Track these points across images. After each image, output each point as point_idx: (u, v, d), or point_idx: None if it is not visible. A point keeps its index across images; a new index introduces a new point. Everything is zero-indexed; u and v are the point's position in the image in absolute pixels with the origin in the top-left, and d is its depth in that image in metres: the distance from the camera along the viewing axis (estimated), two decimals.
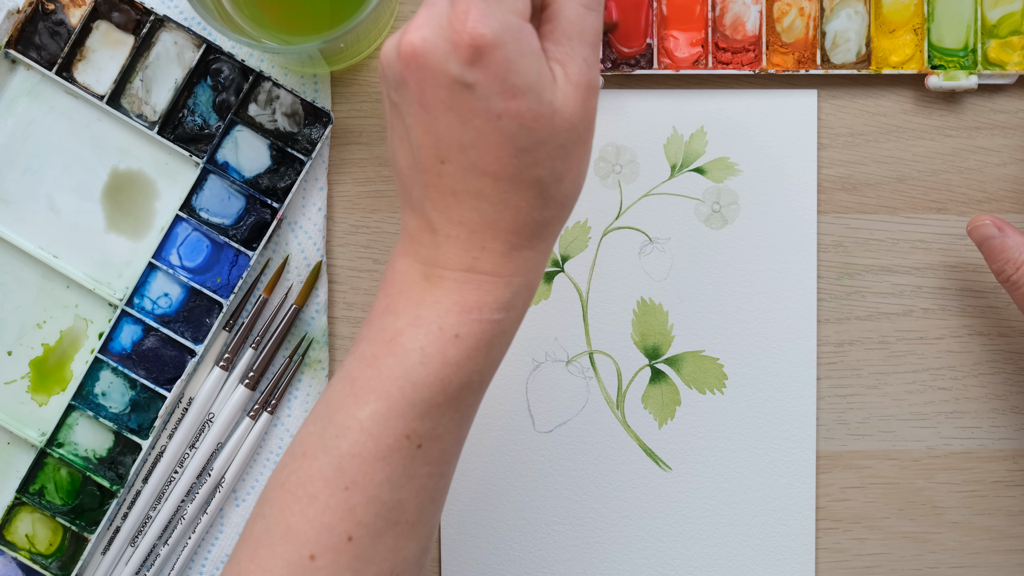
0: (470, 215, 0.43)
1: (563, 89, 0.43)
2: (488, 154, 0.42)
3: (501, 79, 0.41)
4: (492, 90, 0.41)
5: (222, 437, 0.59)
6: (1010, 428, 0.60)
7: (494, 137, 0.42)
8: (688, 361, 0.60)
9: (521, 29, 0.42)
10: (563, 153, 0.43)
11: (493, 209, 0.43)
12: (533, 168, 0.43)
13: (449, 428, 0.45)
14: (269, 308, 0.59)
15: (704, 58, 0.59)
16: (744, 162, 0.59)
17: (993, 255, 0.55)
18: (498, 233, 0.44)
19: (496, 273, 0.44)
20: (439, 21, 0.42)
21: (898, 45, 0.59)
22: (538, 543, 0.60)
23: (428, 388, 0.43)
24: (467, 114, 0.42)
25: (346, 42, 0.53)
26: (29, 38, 0.58)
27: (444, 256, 0.44)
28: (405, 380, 0.43)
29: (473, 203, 0.43)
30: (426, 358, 0.43)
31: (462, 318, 0.44)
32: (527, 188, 0.43)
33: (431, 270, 0.44)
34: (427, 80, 0.42)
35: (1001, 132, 0.60)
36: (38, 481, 0.58)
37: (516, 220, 0.44)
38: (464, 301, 0.44)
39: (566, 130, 0.43)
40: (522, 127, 0.42)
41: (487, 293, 0.44)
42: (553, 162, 0.43)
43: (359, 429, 0.43)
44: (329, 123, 0.58)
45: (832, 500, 0.60)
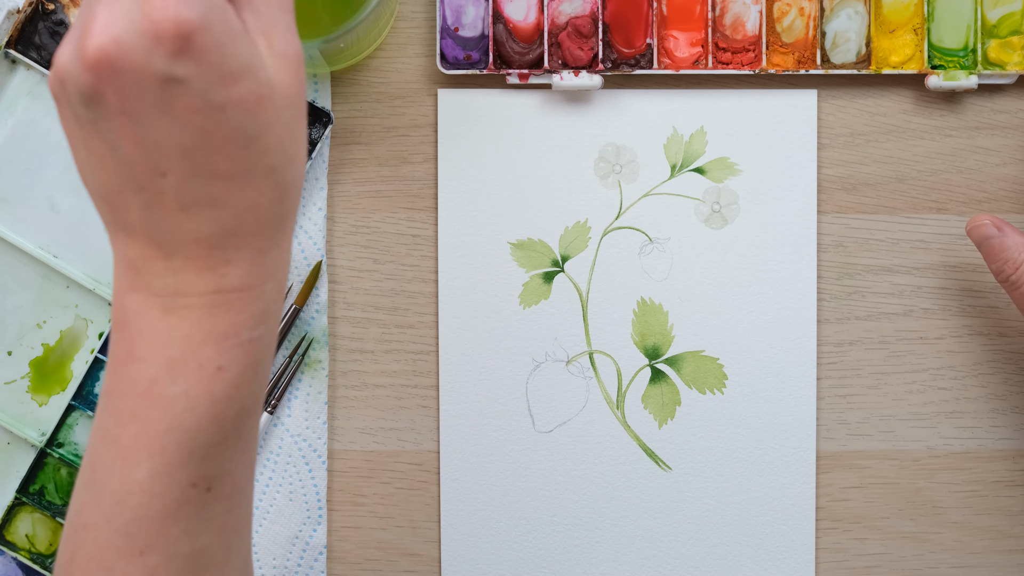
0: (207, 227, 0.38)
1: (273, 63, 0.38)
2: (216, 154, 0.37)
3: (217, 66, 0.36)
4: (209, 80, 0.36)
5: None
6: (1010, 428, 0.60)
7: (220, 132, 0.37)
8: (688, 361, 0.60)
9: (225, 8, 0.37)
10: (289, 132, 0.39)
11: (232, 214, 0.38)
12: (265, 156, 0.38)
13: (235, 459, 0.41)
14: None
15: (704, 58, 0.59)
16: (744, 162, 0.59)
17: (992, 255, 0.55)
18: (242, 240, 0.39)
19: (247, 287, 0.39)
20: (129, 15, 0.36)
21: (898, 45, 0.59)
22: (538, 543, 0.60)
23: (203, 432, 0.39)
24: (184, 113, 0.36)
25: (346, 42, 0.53)
26: (29, 38, 0.58)
27: (184, 282, 0.39)
28: (177, 431, 0.39)
29: (208, 213, 0.38)
30: (192, 402, 0.39)
31: (220, 347, 0.39)
32: (263, 180, 0.38)
33: (171, 300, 0.39)
34: (129, 86, 0.36)
35: (1001, 132, 0.60)
36: (38, 481, 0.58)
37: (258, 220, 0.39)
38: (217, 328, 0.39)
39: (287, 107, 0.38)
40: (248, 114, 0.37)
41: (241, 311, 0.39)
42: (282, 144, 0.39)
43: (139, 492, 0.39)
44: (329, 123, 0.58)
45: (832, 500, 0.60)
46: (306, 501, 0.59)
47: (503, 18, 0.58)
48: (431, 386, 0.60)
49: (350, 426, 0.60)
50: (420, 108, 0.60)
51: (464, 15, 0.58)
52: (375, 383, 0.60)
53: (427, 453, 0.60)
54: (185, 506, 0.39)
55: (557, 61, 0.59)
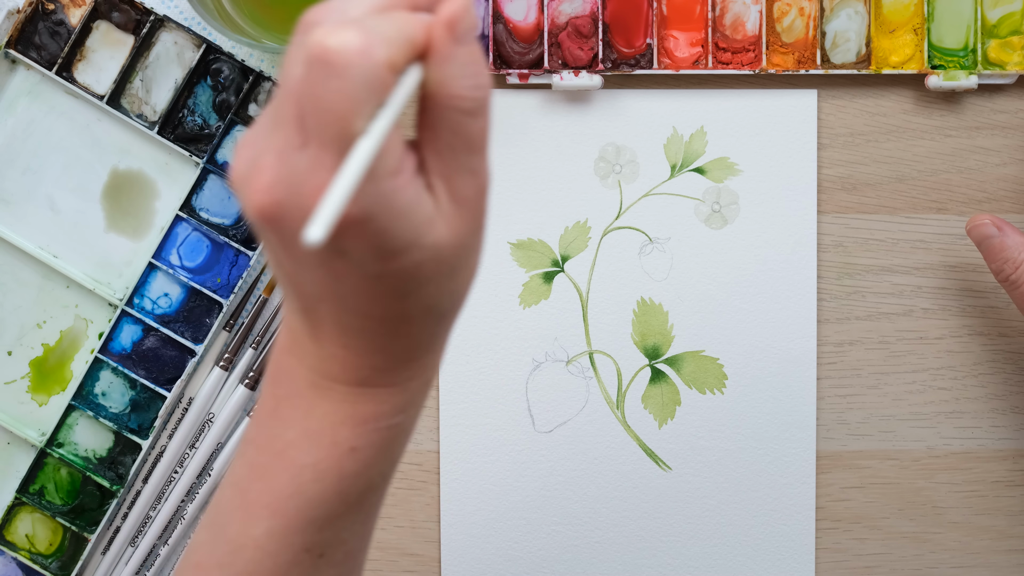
0: (356, 343, 0.38)
1: (446, 212, 0.37)
2: (369, 303, 0.37)
3: (376, 247, 0.36)
4: (366, 257, 0.36)
5: (222, 437, 0.59)
6: (1010, 428, 0.60)
7: (374, 291, 0.37)
8: (688, 361, 0.60)
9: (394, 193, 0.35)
10: (453, 274, 0.38)
11: (382, 339, 0.39)
12: (422, 302, 0.38)
13: (353, 531, 0.41)
14: (269, 308, 0.59)
15: (704, 58, 0.59)
16: (744, 162, 0.59)
17: (992, 254, 0.55)
18: (389, 356, 0.39)
19: (390, 384, 0.40)
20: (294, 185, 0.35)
21: (898, 45, 0.59)
22: (538, 543, 0.60)
23: (325, 503, 0.40)
24: (340, 274, 0.37)
25: None
26: (29, 38, 0.58)
27: (331, 371, 0.39)
28: (300, 497, 0.39)
29: (357, 335, 0.38)
30: (320, 474, 0.39)
31: (357, 430, 0.39)
32: (420, 317, 0.39)
33: (320, 380, 0.39)
34: (289, 239, 0.36)
35: (1001, 132, 0.60)
36: (38, 481, 0.58)
37: (409, 342, 0.39)
38: (357, 413, 0.39)
39: (453, 256, 0.38)
40: (404, 279, 0.37)
41: (382, 403, 0.40)
42: (443, 287, 0.38)
43: (254, 547, 0.40)
44: None
45: (832, 500, 0.60)
46: None
47: (503, 18, 0.58)
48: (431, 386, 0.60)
49: None
50: None
51: None
52: None
53: (427, 453, 0.60)
54: (295, 568, 0.40)
55: (557, 61, 0.59)
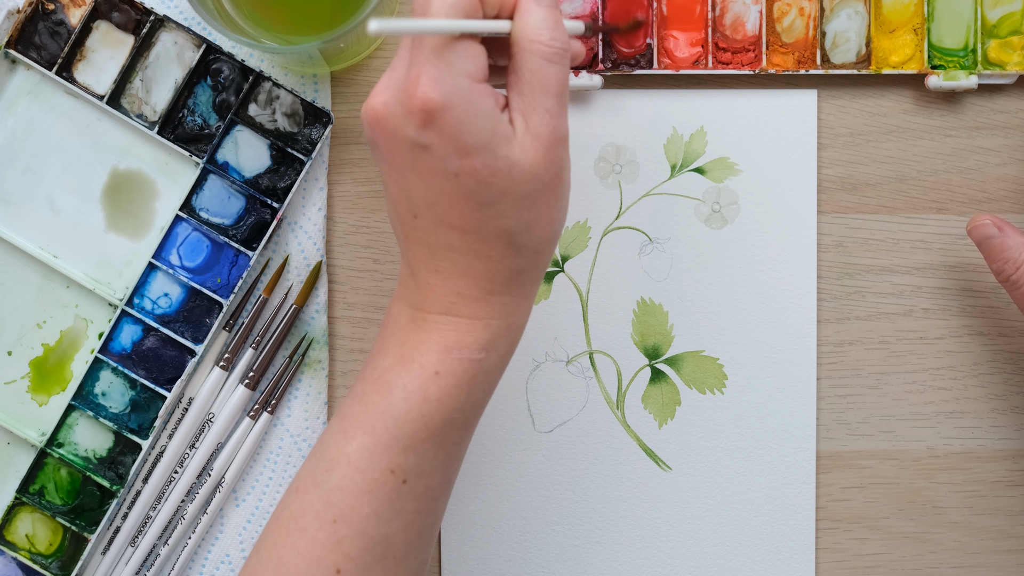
0: (444, 265, 0.45)
1: (522, 141, 0.44)
2: (452, 209, 0.44)
3: (454, 140, 0.43)
4: (447, 150, 0.43)
5: (222, 437, 0.59)
6: (1010, 428, 0.60)
7: (455, 194, 0.44)
8: (688, 361, 0.60)
9: (472, 91, 0.43)
10: (528, 203, 0.45)
11: (464, 259, 0.45)
12: (497, 220, 0.44)
13: (434, 465, 0.46)
14: (269, 308, 0.59)
15: (704, 58, 0.59)
16: (744, 162, 0.59)
17: (993, 255, 0.55)
18: (472, 281, 0.45)
19: (474, 316, 0.46)
20: (397, 85, 0.44)
21: (898, 45, 0.59)
22: (538, 543, 0.60)
23: (411, 423, 0.45)
24: (427, 173, 0.44)
25: (346, 42, 0.53)
26: (29, 38, 0.58)
27: (426, 300, 0.46)
28: (389, 415, 0.45)
29: (445, 254, 0.45)
30: (408, 394, 0.45)
31: (442, 357, 0.45)
32: (494, 239, 0.45)
33: (417, 313, 0.46)
34: (391, 142, 0.44)
35: (1001, 132, 0.60)
36: (38, 481, 0.58)
37: (488, 268, 0.45)
38: (444, 341, 0.46)
39: (527, 181, 0.44)
40: (480, 183, 0.43)
41: (466, 334, 0.46)
42: (518, 212, 0.44)
43: (347, 463, 0.45)
44: (329, 123, 0.58)
45: (832, 500, 0.60)
46: None
47: None
48: None
49: None
50: None
51: None
52: None
53: None
54: (381, 488, 0.45)
55: None
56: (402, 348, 0.46)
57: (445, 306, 0.46)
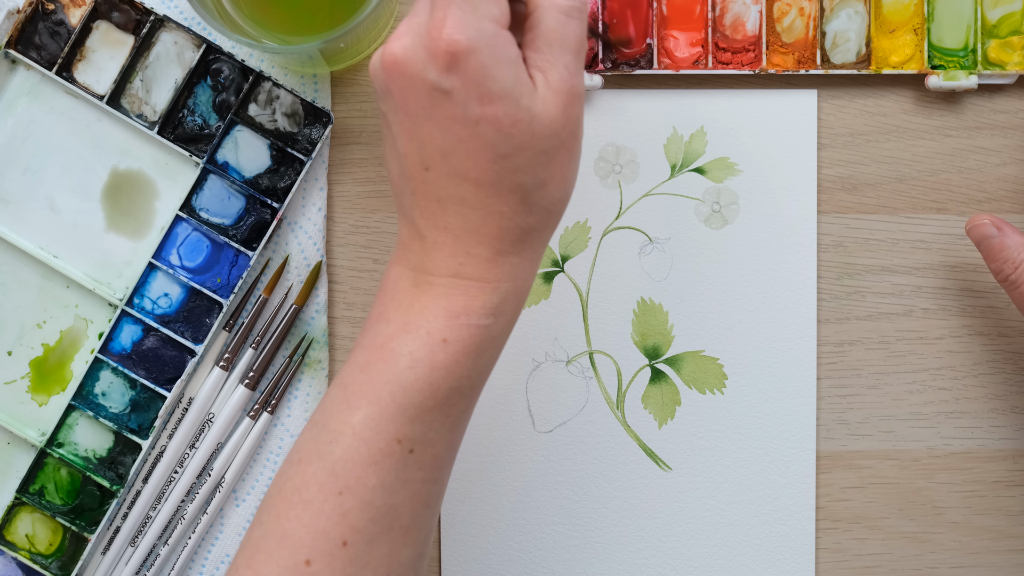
0: (455, 221, 0.44)
1: (543, 96, 0.43)
2: (468, 160, 0.43)
3: (477, 85, 0.42)
4: (469, 96, 0.42)
5: (222, 437, 0.59)
6: (1010, 428, 0.60)
7: (473, 143, 0.43)
8: (688, 361, 0.60)
9: (497, 35, 0.42)
10: (544, 159, 0.44)
11: (476, 215, 0.44)
12: (513, 174, 0.43)
13: (440, 433, 0.45)
14: (269, 308, 0.59)
15: (704, 58, 0.59)
16: (744, 162, 0.59)
17: (992, 254, 0.55)
18: (483, 239, 0.44)
19: (482, 278, 0.44)
20: (418, 30, 0.43)
21: (898, 45, 0.59)
22: (538, 543, 0.60)
23: (418, 392, 0.44)
24: (446, 120, 0.43)
25: (346, 42, 0.53)
26: (29, 38, 0.58)
27: (432, 262, 0.45)
28: (395, 384, 0.44)
29: (457, 209, 0.44)
30: (415, 363, 0.44)
31: (450, 323, 0.44)
32: (509, 194, 0.44)
33: (421, 276, 0.45)
34: (408, 88, 0.43)
35: (1001, 132, 0.60)
36: (38, 481, 0.58)
37: (500, 226, 0.44)
38: (451, 306, 0.44)
39: (546, 136, 0.43)
40: (500, 132, 0.43)
41: (474, 298, 0.44)
42: (534, 168, 0.44)
43: (351, 434, 0.44)
44: (329, 123, 0.58)
45: (832, 500, 0.60)
46: None
47: None
48: None
49: None
50: None
51: None
52: None
53: None
54: (387, 459, 0.44)
55: None
56: (406, 314, 0.45)
57: (453, 267, 0.44)
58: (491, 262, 0.44)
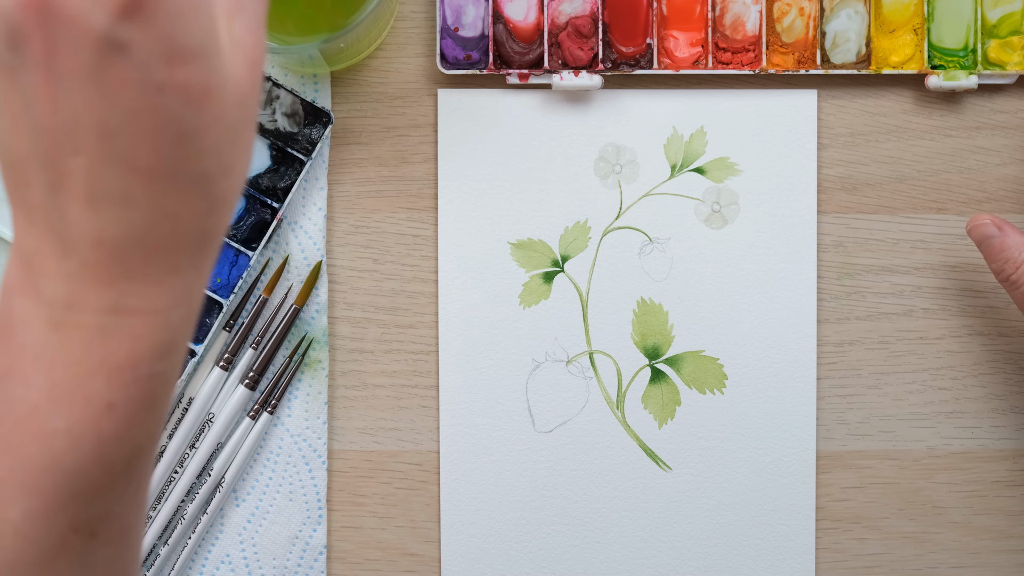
0: (114, 228, 0.32)
1: (230, 51, 0.33)
2: (141, 142, 0.32)
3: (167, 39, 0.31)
4: (153, 53, 0.31)
5: (222, 437, 0.59)
6: (1010, 428, 0.60)
7: (151, 118, 0.32)
8: (688, 361, 0.60)
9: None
10: (231, 137, 0.34)
11: (145, 220, 0.33)
12: (197, 160, 0.33)
13: (125, 503, 0.36)
14: (269, 308, 0.59)
15: (704, 58, 0.59)
16: (744, 162, 0.59)
17: (993, 254, 0.55)
18: (152, 254, 0.33)
19: (150, 310, 0.33)
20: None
21: (898, 45, 0.59)
22: (538, 543, 0.60)
23: (87, 475, 0.34)
24: (116, 86, 0.31)
25: (346, 42, 0.53)
26: None
27: (78, 292, 0.33)
28: (56, 471, 0.33)
29: (118, 212, 0.32)
30: (76, 441, 0.33)
31: (113, 381, 0.33)
32: (189, 186, 0.33)
33: (62, 314, 0.33)
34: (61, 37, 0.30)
35: (1001, 132, 0.60)
36: None
37: (175, 233, 0.33)
38: (111, 357, 0.33)
39: (235, 106, 0.33)
40: (188, 104, 0.32)
41: (141, 340, 0.33)
42: (221, 150, 0.33)
43: (13, 533, 0.34)
44: (329, 123, 0.58)
45: (832, 500, 0.60)
46: (306, 501, 0.59)
47: (503, 18, 0.58)
48: (431, 386, 0.60)
49: (350, 426, 0.60)
50: (420, 108, 0.60)
51: (464, 15, 0.58)
52: (375, 383, 0.60)
53: (427, 453, 0.60)
54: (65, 553, 0.35)
55: (557, 61, 0.59)
56: (50, 374, 0.33)
57: (110, 299, 0.33)
58: (161, 284, 0.33)
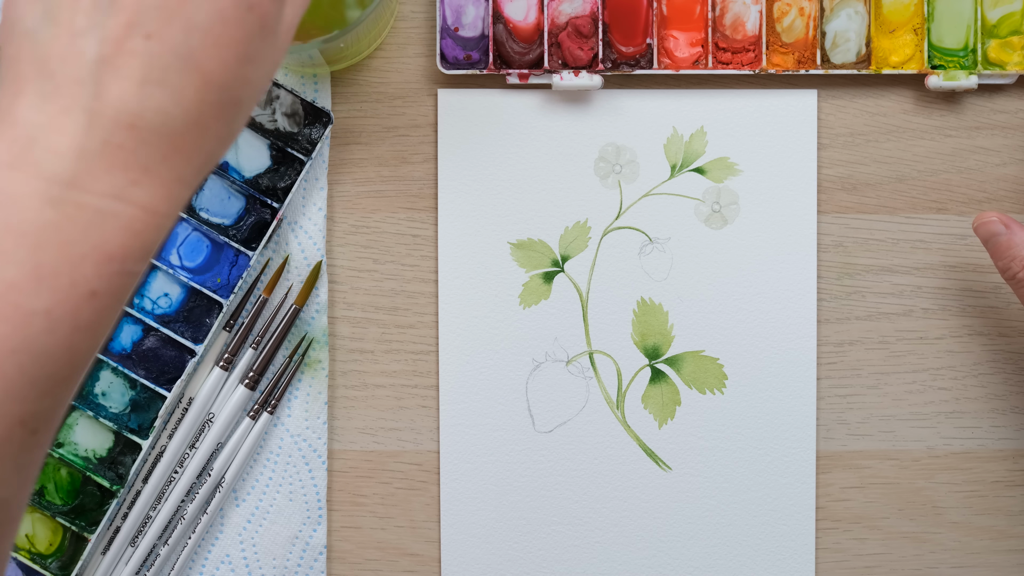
0: (151, 118, 0.32)
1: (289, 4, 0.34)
2: (215, 47, 0.32)
3: None
4: None
5: (222, 437, 0.59)
6: (1010, 428, 0.60)
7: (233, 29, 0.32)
8: (688, 361, 0.60)
9: None
10: (267, 79, 0.34)
11: (182, 121, 0.32)
12: (243, 86, 0.33)
13: (62, 408, 0.35)
14: (269, 308, 0.59)
15: (704, 58, 0.59)
16: (744, 162, 0.59)
17: (999, 252, 0.54)
18: (173, 154, 0.32)
19: (152, 209, 0.33)
20: None
21: (898, 45, 0.59)
22: (538, 543, 0.60)
23: (54, 362, 0.33)
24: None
25: (346, 42, 0.53)
26: None
27: (89, 171, 0.31)
28: (25, 354, 0.32)
29: (163, 104, 0.32)
30: (54, 324, 0.32)
31: (101, 270, 0.32)
32: (227, 107, 0.33)
33: (62, 191, 0.31)
34: None
35: (1001, 132, 0.60)
36: (38, 481, 0.58)
37: (198, 144, 0.33)
38: (105, 245, 0.32)
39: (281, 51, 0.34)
40: (263, 28, 0.33)
41: (135, 236, 0.32)
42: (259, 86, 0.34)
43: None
44: (329, 123, 0.58)
45: (832, 500, 0.60)
46: (306, 501, 0.59)
47: (503, 18, 0.58)
48: (431, 386, 0.60)
49: (350, 426, 0.60)
50: (420, 108, 0.60)
51: (464, 15, 0.58)
52: (375, 383, 0.60)
53: (427, 453, 0.60)
54: (5, 446, 0.33)
55: (557, 61, 0.59)
56: (37, 252, 0.31)
57: (119, 186, 0.32)
58: (167, 188, 0.33)
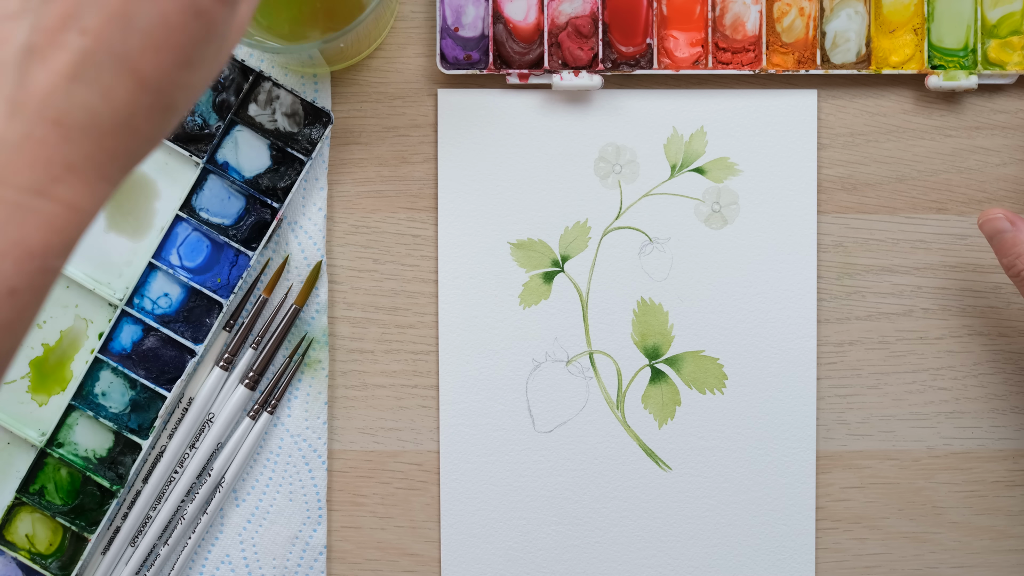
0: (78, 116, 0.31)
1: (239, 11, 0.34)
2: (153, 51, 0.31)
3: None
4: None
5: (222, 437, 0.59)
6: (1010, 428, 0.60)
7: (175, 34, 0.31)
8: (688, 361, 0.60)
9: None
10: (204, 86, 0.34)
11: (110, 121, 0.31)
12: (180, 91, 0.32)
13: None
14: (269, 308, 0.59)
15: (704, 58, 0.59)
16: (744, 162, 0.59)
17: (1004, 248, 0.54)
18: (99, 153, 0.31)
19: (75, 207, 0.32)
20: None
21: (898, 45, 0.59)
22: (538, 543, 0.60)
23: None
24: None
25: (346, 42, 0.53)
26: None
27: (11, 164, 0.30)
28: None
29: (91, 103, 0.31)
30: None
31: (21, 267, 0.31)
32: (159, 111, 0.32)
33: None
34: None
35: (1001, 132, 0.60)
36: (38, 481, 0.58)
37: (129, 144, 0.32)
38: (27, 241, 0.31)
39: (223, 59, 0.34)
40: (209, 34, 0.32)
41: (57, 233, 0.31)
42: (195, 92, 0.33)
43: None
44: (329, 123, 0.58)
45: (832, 500, 0.60)
46: (306, 501, 0.59)
47: (503, 18, 0.58)
48: (431, 386, 0.60)
49: (350, 426, 0.60)
50: (420, 108, 0.60)
51: (464, 15, 0.58)
52: (375, 383, 0.60)
53: (427, 453, 0.60)
54: None
55: (557, 61, 0.59)
56: None
57: (42, 181, 0.31)
58: (91, 187, 0.32)
